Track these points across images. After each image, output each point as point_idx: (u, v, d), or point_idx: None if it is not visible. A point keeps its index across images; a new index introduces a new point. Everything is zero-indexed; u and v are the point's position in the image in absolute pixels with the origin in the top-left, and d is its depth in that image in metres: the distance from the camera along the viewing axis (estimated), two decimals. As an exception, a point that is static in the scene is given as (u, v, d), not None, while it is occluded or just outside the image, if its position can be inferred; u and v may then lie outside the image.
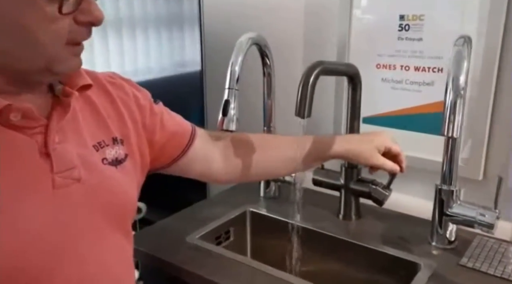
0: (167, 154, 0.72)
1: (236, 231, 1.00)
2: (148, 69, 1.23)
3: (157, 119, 0.69)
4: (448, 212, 0.81)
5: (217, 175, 0.80)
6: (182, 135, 0.74)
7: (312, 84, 0.71)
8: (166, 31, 1.18)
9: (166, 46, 1.19)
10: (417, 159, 0.97)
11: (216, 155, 0.79)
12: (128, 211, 0.62)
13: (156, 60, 1.23)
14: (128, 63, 1.24)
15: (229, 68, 0.82)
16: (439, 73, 0.92)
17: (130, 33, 1.23)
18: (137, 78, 1.21)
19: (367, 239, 0.87)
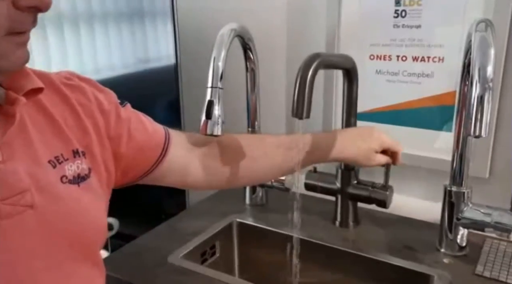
0: (136, 168, 0.62)
1: (222, 246, 0.92)
2: (115, 65, 1.12)
3: (124, 128, 0.60)
4: (460, 216, 0.75)
5: (195, 185, 0.72)
6: (153, 145, 0.64)
7: (310, 79, 0.63)
8: (137, 24, 1.08)
9: (137, 40, 1.09)
10: (417, 157, 0.92)
11: (194, 165, 0.70)
12: (95, 239, 0.53)
13: (124, 56, 1.12)
14: (99, 59, 1.13)
15: (211, 64, 0.73)
16: (440, 63, 0.86)
17: (100, 28, 1.11)
18: (105, 74, 1.10)
19: (369, 248, 0.81)
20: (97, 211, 0.53)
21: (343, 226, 0.90)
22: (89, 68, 1.11)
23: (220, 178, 0.73)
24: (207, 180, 0.72)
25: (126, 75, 1.10)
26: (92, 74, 1.08)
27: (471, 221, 0.74)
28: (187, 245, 0.84)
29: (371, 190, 0.84)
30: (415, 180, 0.95)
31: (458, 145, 0.73)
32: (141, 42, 1.08)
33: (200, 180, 0.71)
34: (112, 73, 1.09)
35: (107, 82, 1.13)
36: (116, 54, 1.10)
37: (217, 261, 0.91)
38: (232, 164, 0.73)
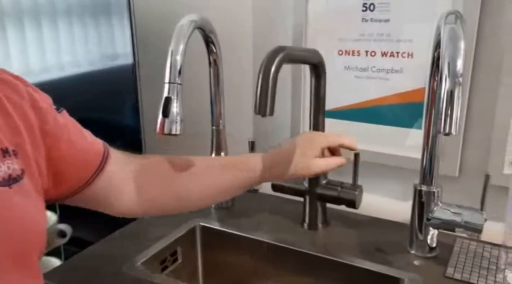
0: (70, 178, 0.57)
1: (185, 252, 0.88)
2: (65, 64, 1.04)
3: (61, 132, 0.54)
4: (430, 216, 0.73)
5: (128, 209, 0.66)
6: (92, 156, 0.59)
7: (274, 74, 0.60)
8: (90, 18, 1.01)
9: (90, 37, 1.02)
10: (387, 156, 0.90)
11: (128, 185, 0.65)
12: (31, 245, 0.48)
13: (79, 53, 1.05)
14: (47, 58, 1.05)
15: (169, 58, 0.69)
16: (409, 58, 0.84)
17: (48, 24, 1.03)
18: (54, 74, 1.03)
19: (339, 251, 0.78)
20: (32, 216, 0.48)
21: (312, 228, 0.87)
22: (36, 68, 1.04)
23: (154, 202, 0.68)
24: (140, 206, 0.66)
25: (78, 75, 1.03)
26: (40, 74, 1.01)
27: (441, 221, 0.72)
28: (145, 252, 0.79)
29: (340, 190, 0.82)
30: (385, 179, 0.93)
31: (428, 143, 0.71)
32: (95, 39, 1.01)
33: (133, 204, 0.65)
34: (62, 73, 1.02)
35: (56, 83, 1.06)
36: (66, 52, 1.03)
37: (178, 268, 0.86)
38: (169, 185, 0.68)
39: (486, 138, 0.80)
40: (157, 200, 0.68)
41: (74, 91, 1.01)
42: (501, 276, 0.68)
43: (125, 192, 0.64)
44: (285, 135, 1.01)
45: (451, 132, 0.51)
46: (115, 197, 0.63)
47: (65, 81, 1.01)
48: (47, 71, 1.02)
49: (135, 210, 0.66)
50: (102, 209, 0.64)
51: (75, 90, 1.02)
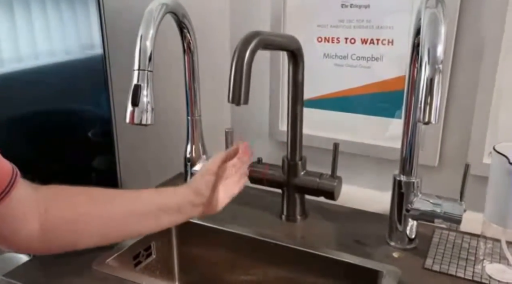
0: None
1: (159, 246, 0.86)
2: (23, 56, 0.99)
3: None
4: (409, 208, 0.72)
5: (30, 244, 0.59)
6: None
7: (248, 60, 0.58)
8: (52, 6, 0.95)
9: (57, 25, 0.97)
10: (367, 146, 0.89)
11: (30, 214, 0.58)
12: None
13: (41, 44, 0.99)
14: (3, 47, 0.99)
15: (138, 43, 0.66)
16: (389, 45, 0.83)
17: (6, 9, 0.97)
18: (10, 67, 0.97)
19: (318, 244, 0.78)
20: None
21: (290, 220, 0.86)
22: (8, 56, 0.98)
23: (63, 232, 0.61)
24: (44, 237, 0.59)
25: (39, 68, 0.98)
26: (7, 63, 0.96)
27: (420, 212, 0.72)
28: (117, 247, 0.77)
29: (319, 181, 0.81)
30: (365, 170, 0.92)
31: (408, 132, 0.71)
32: (62, 27, 0.96)
33: (35, 236, 0.59)
34: (19, 66, 0.97)
35: (14, 76, 1.00)
36: (36, 42, 0.98)
37: (153, 263, 0.84)
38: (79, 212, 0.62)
39: (467, 127, 0.80)
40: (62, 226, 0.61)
41: (43, 82, 0.97)
42: (479, 267, 0.69)
43: (27, 223, 0.58)
44: (263, 124, 0.99)
45: (430, 121, 0.50)
46: (14, 228, 0.57)
47: (33, 71, 0.97)
48: (1, 64, 0.97)
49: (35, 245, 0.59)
50: None
51: (44, 81, 0.98)
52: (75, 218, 0.62)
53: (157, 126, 1.09)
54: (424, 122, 0.50)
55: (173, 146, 1.07)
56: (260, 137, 1.01)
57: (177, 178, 1.04)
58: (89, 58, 0.94)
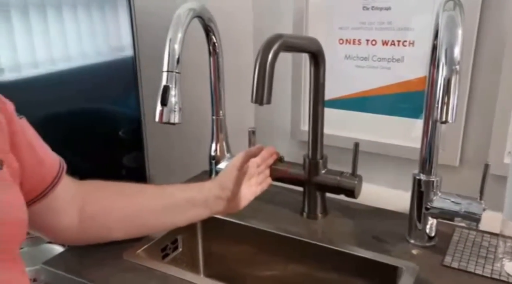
0: (27, 183, 0.56)
1: (185, 240, 0.89)
2: (56, 59, 1.04)
3: (24, 136, 0.55)
4: (429, 206, 0.74)
5: (70, 234, 0.65)
6: (47, 168, 0.59)
7: (271, 62, 0.60)
8: (84, 10, 1.00)
9: (86, 28, 1.01)
10: (387, 146, 0.91)
11: (73, 208, 0.65)
12: (12, 234, 0.49)
13: (73, 47, 1.04)
14: (37, 51, 1.04)
15: (167, 46, 0.70)
16: (410, 47, 0.84)
17: (39, 14, 1.02)
18: (45, 69, 1.02)
19: (338, 240, 0.79)
20: (11, 205, 0.49)
21: (311, 217, 0.88)
22: (25, 62, 1.03)
23: (98, 226, 0.68)
24: (81, 230, 0.66)
25: (71, 69, 1.03)
26: (28, 69, 1.01)
27: (440, 211, 0.73)
28: (145, 240, 0.81)
29: (339, 179, 0.83)
30: (386, 169, 0.94)
31: (427, 132, 0.72)
32: (90, 32, 1.01)
33: (73, 227, 0.65)
34: (53, 68, 1.02)
35: (48, 77, 1.05)
36: (67, 45, 1.03)
37: (179, 256, 0.88)
38: (114, 207, 0.68)
39: (487, 127, 0.81)
40: (99, 217, 0.67)
41: (76, 84, 1.02)
42: (498, 265, 0.69)
43: (66, 214, 0.63)
44: (286, 124, 1.02)
45: (447, 120, 0.52)
46: (56, 218, 0.62)
47: (65, 74, 1.02)
48: (36, 66, 1.02)
49: (73, 235, 0.66)
50: (37, 229, 0.63)
51: (76, 82, 1.03)
52: (109, 211, 0.67)
53: (184, 125, 1.13)
54: (441, 121, 0.52)
55: (198, 145, 1.11)
56: (282, 137, 1.04)
57: (202, 175, 1.07)
58: (120, 60, 0.99)
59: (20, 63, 1.05)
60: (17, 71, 1.09)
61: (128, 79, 0.96)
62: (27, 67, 1.06)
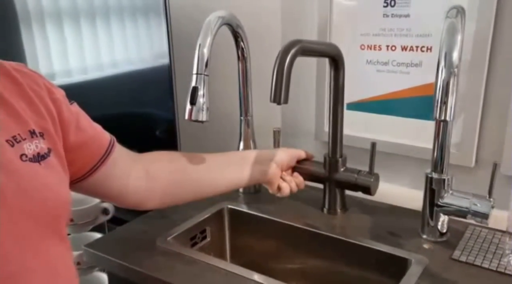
0: (80, 162, 0.65)
1: (213, 231, 0.97)
2: (104, 65, 1.15)
3: (74, 119, 0.63)
4: (440, 203, 0.78)
5: (138, 196, 0.75)
6: (99, 141, 0.68)
7: (288, 65, 0.67)
8: (125, 20, 1.11)
9: (126, 38, 1.12)
10: (405, 147, 0.95)
11: (137, 171, 0.75)
12: (60, 214, 0.57)
13: (113, 54, 1.14)
14: (86, 58, 1.16)
15: (197, 51, 0.78)
16: (428, 52, 0.89)
17: (88, 24, 1.14)
18: (93, 75, 1.13)
19: (354, 234, 0.85)
20: (59, 187, 0.57)
21: (331, 213, 0.94)
22: (75, 67, 1.12)
23: (164, 189, 0.78)
24: (150, 192, 0.76)
25: (115, 75, 1.13)
26: (78, 74, 1.10)
27: (450, 208, 0.77)
28: (176, 229, 0.89)
29: (357, 177, 0.88)
30: (405, 170, 0.98)
31: (439, 132, 0.76)
32: (131, 40, 1.11)
33: (143, 190, 0.75)
34: (101, 74, 1.11)
35: (95, 83, 1.17)
36: (104, 52, 1.13)
37: (207, 245, 0.95)
38: (177, 173, 0.79)
39: (502, 129, 0.84)
40: (168, 189, 0.77)
41: (114, 90, 1.12)
42: (505, 260, 0.72)
43: (133, 179, 0.73)
44: (310, 125, 1.08)
45: (446, 119, 0.57)
46: (123, 183, 0.72)
47: (104, 80, 1.12)
48: (85, 71, 1.13)
49: (143, 199, 0.75)
50: (110, 197, 0.73)
51: (115, 89, 1.13)
52: (173, 175, 0.78)
53: (213, 124, 1.21)
54: (440, 119, 0.57)
55: (227, 144, 1.18)
56: (306, 137, 1.10)
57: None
58: (158, 67, 1.08)
59: (70, 68, 1.18)
60: (68, 76, 1.22)
61: (164, 85, 1.06)
62: (76, 73, 1.19)
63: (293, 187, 0.89)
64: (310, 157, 0.95)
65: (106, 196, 0.74)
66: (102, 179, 0.69)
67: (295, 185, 0.90)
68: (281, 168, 0.89)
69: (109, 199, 0.76)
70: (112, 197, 0.74)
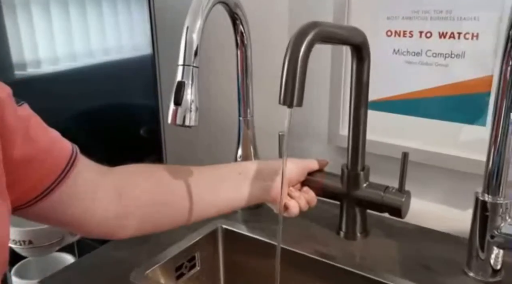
0: (29, 182, 0.48)
1: (204, 257, 0.80)
2: (76, 54, 0.98)
3: (21, 125, 0.47)
4: (495, 234, 0.61)
5: (108, 223, 0.58)
6: (57, 154, 0.51)
7: (303, 56, 0.50)
8: (105, 7, 0.93)
9: (103, 24, 0.94)
10: (441, 156, 0.78)
11: (106, 191, 0.57)
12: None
13: (88, 43, 0.98)
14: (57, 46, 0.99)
15: (183, 36, 0.60)
16: (473, 40, 0.71)
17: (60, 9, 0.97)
18: (65, 65, 0.97)
19: (379, 267, 0.68)
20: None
21: (349, 237, 0.77)
22: (45, 56, 0.98)
23: (140, 215, 0.61)
24: (121, 214, 0.59)
25: (92, 66, 0.97)
26: (48, 64, 0.96)
27: (509, 240, 0.60)
28: (159, 257, 0.72)
29: (384, 195, 0.71)
30: (436, 183, 0.82)
31: (496, 143, 0.59)
32: (109, 28, 0.94)
33: (112, 214, 0.58)
34: (74, 64, 0.96)
35: (67, 74, 1.01)
36: (79, 41, 0.97)
37: (196, 275, 0.79)
38: (158, 198, 0.62)
39: None
40: (142, 203, 0.60)
41: (91, 82, 0.96)
42: None
43: (101, 201, 0.56)
44: (322, 127, 0.91)
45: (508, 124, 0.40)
46: (87, 206, 0.55)
47: (77, 72, 0.96)
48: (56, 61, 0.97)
49: (114, 222, 0.58)
50: (70, 222, 0.56)
51: (92, 80, 0.97)
52: (154, 196, 0.61)
53: (207, 126, 1.04)
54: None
55: (222, 149, 1.02)
56: (318, 141, 0.93)
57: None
58: (139, 58, 0.91)
59: (40, 58, 1.01)
60: (37, 66, 1.05)
61: (147, 78, 0.89)
62: (47, 63, 1.02)
63: (303, 205, 0.73)
64: (323, 166, 0.78)
65: (64, 223, 0.57)
66: (58, 203, 0.52)
67: (305, 202, 0.73)
68: (289, 183, 0.72)
69: (69, 228, 0.60)
70: (72, 225, 0.57)
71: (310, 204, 0.74)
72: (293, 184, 0.74)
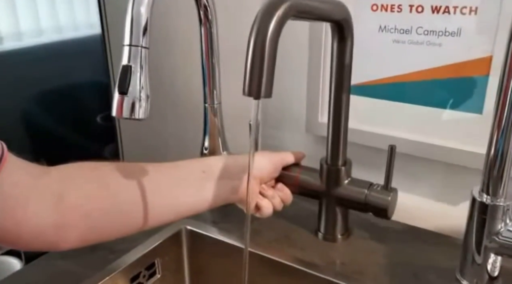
0: None
1: (166, 263, 0.72)
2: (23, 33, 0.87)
3: None
4: (493, 238, 0.55)
5: (44, 233, 0.49)
6: None
7: (272, 36, 0.41)
8: None
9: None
10: (430, 147, 0.71)
11: (41, 196, 0.49)
12: None
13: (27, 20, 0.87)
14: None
15: (129, 11, 0.51)
16: (471, 15, 0.64)
17: None
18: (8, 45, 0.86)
19: (362, 276, 0.62)
20: None
21: (329, 239, 0.70)
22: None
23: (84, 223, 0.52)
24: (61, 223, 0.50)
25: (38, 46, 0.86)
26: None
27: (509, 246, 0.54)
28: (111, 266, 0.64)
29: (367, 194, 0.64)
30: (426, 177, 0.75)
31: (497, 135, 0.52)
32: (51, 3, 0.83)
33: (49, 223, 0.49)
34: (17, 44, 0.85)
35: (11, 54, 0.91)
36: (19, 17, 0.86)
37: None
38: (105, 203, 0.53)
39: None
40: (86, 209, 0.51)
41: (34, 64, 0.86)
42: None
43: (32, 204, 0.47)
44: (299, 114, 0.83)
45: None
46: (17, 213, 0.46)
47: (23, 51, 0.85)
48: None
49: (53, 232, 0.49)
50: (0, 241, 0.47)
51: (35, 62, 0.86)
52: (100, 201, 0.53)
53: (168, 115, 0.95)
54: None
55: (187, 139, 0.93)
56: (294, 130, 0.85)
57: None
58: (87, 38, 0.80)
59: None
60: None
61: (97, 60, 0.78)
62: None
63: (277, 205, 0.66)
64: (299, 159, 0.70)
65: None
66: None
67: (279, 201, 0.66)
68: (260, 181, 0.64)
69: (1, 243, 0.50)
70: (4, 240, 0.49)
71: (285, 203, 0.67)
72: (265, 181, 0.66)
